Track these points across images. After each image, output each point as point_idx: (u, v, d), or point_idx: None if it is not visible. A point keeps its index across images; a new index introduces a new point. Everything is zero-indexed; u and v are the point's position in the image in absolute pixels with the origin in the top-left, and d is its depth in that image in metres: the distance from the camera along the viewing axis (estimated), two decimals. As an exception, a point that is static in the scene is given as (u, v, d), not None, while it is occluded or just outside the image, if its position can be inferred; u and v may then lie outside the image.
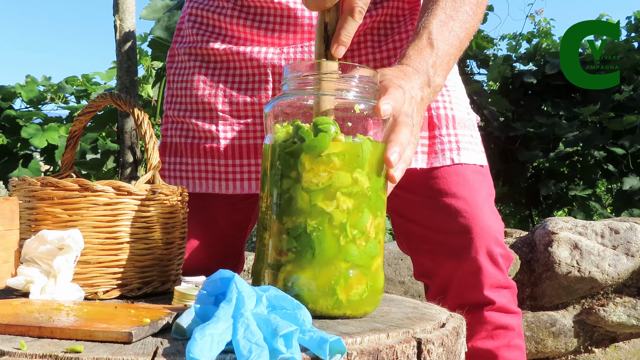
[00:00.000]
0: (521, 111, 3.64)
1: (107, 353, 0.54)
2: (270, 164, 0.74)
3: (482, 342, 1.10)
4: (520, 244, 2.57)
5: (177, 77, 1.23)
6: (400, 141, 0.75)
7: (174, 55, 1.25)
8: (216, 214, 1.19)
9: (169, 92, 1.24)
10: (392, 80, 0.83)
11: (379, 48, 1.16)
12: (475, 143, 1.17)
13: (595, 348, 2.50)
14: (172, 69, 1.25)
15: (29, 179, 0.83)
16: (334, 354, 0.56)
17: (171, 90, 1.24)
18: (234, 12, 1.16)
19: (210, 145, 1.17)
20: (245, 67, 1.16)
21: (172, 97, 1.23)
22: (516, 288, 1.15)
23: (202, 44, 1.19)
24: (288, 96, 0.76)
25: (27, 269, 0.77)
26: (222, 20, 1.17)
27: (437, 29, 0.97)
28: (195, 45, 1.20)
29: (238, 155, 1.16)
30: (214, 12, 1.18)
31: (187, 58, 1.21)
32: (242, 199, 1.20)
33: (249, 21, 1.15)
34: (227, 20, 1.17)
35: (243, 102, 1.15)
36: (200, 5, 1.20)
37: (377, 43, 1.16)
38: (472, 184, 1.11)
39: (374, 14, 1.14)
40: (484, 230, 1.08)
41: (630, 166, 3.47)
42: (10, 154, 3.49)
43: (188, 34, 1.22)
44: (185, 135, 1.19)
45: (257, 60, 1.14)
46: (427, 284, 1.19)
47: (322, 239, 0.70)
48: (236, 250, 1.27)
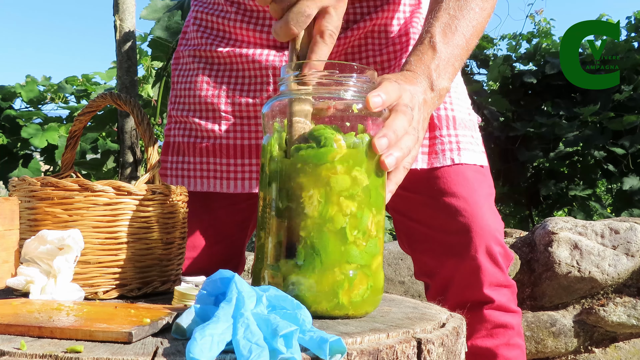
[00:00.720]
0: (521, 111, 3.64)
1: (107, 353, 0.54)
2: (269, 164, 0.74)
3: (482, 340, 1.10)
4: (520, 244, 2.57)
5: (181, 79, 1.25)
6: (393, 127, 0.74)
7: (179, 58, 1.27)
8: (218, 213, 1.20)
9: (173, 92, 1.26)
10: (390, 79, 0.82)
11: (379, 52, 1.16)
12: (476, 143, 1.17)
13: (595, 348, 2.50)
14: (176, 70, 1.27)
15: (29, 179, 0.83)
16: (334, 354, 0.56)
17: (175, 91, 1.26)
18: (237, 15, 1.18)
19: (213, 145, 1.18)
20: (247, 69, 1.18)
21: (176, 97, 1.25)
22: (516, 287, 1.16)
23: (207, 46, 1.21)
24: (285, 96, 0.76)
25: (27, 269, 0.77)
26: (225, 24, 1.19)
27: (440, 31, 0.97)
28: (200, 47, 1.22)
29: (240, 154, 1.17)
30: (218, 16, 1.20)
31: (192, 60, 1.23)
32: (244, 199, 1.21)
33: (252, 25, 1.17)
34: (230, 24, 1.19)
35: (245, 103, 1.17)
36: (205, 10, 1.23)
37: (378, 46, 1.16)
38: (472, 184, 1.12)
39: (373, 17, 1.15)
40: (483, 229, 1.08)
41: (630, 166, 3.47)
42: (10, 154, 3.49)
43: (193, 37, 1.25)
44: (188, 135, 1.21)
45: (259, 62, 1.16)
46: (427, 283, 1.19)
47: (323, 241, 0.70)
48: (237, 250, 1.27)
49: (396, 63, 1.16)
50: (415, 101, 0.84)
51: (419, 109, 0.85)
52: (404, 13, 1.18)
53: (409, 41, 1.16)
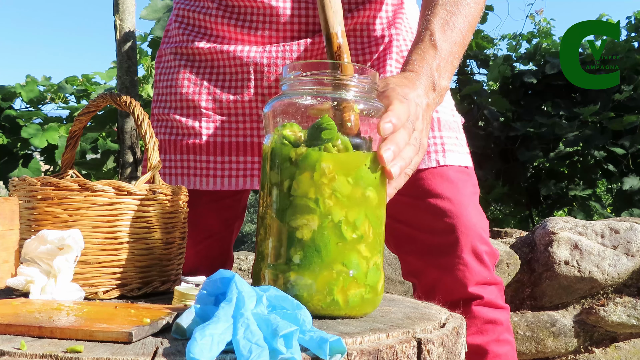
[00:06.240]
0: (521, 111, 3.64)
1: (107, 353, 0.54)
2: (270, 165, 0.74)
3: (472, 337, 1.11)
4: (520, 244, 2.57)
5: (163, 77, 1.25)
6: (396, 140, 0.75)
7: (161, 56, 1.27)
8: (203, 210, 1.20)
9: (156, 91, 1.27)
10: (396, 90, 0.83)
11: (362, 51, 1.17)
12: (461, 145, 1.19)
13: (595, 348, 2.50)
14: (158, 69, 1.27)
15: (29, 179, 0.83)
16: (334, 354, 0.56)
17: (158, 89, 1.26)
18: (219, 11, 1.18)
19: (193, 142, 1.18)
20: (228, 65, 1.18)
21: (158, 95, 1.25)
22: (503, 284, 1.18)
23: (188, 43, 1.21)
24: (287, 96, 0.76)
25: (27, 269, 0.77)
26: (207, 20, 1.19)
27: (439, 28, 0.97)
28: (181, 44, 1.22)
29: (220, 152, 1.17)
30: (199, 12, 1.20)
31: (173, 57, 1.23)
32: (228, 195, 1.21)
33: (233, 20, 1.17)
34: (211, 19, 1.19)
35: (226, 100, 1.17)
36: (186, 7, 1.23)
37: (361, 45, 1.17)
38: (457, 184, 1.13)
39: (355, 15, 1.15)
40: (468, 229, 1.10)
41: (630, 166, 3.47)
42: (10, 154, 3.49)
43: (174, 34, 1.24)
44: (170, 132, 1.21)
45: (240, 58, 1.16)
46: (414, 283, 1.21)
47: (323, 242, 0.70)
48: (224, 247, 1.28)
49: (380, 63, 1.16)
50: (418, 110, 0.85)
51: (423, 117, 0.87)
52: (386, 12, 1.18)
53: (392, 42, 1.16)
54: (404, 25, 1.19)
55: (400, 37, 1.17)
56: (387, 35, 1.17)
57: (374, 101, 0.76)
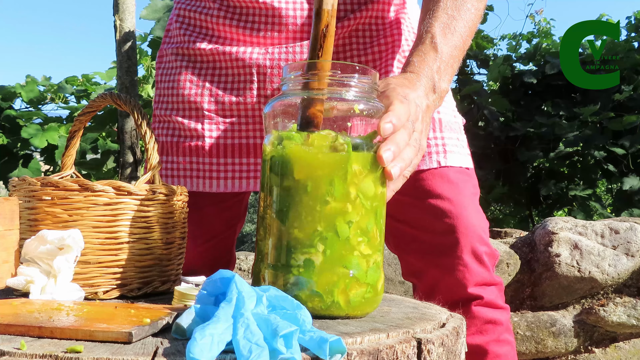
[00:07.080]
0: (521, 111, 3.64)
1: (107, 353, 0.54)
2: (270, 165, 0.74)
3: (472, 337, 1.11)
4: (520, 244, 2.57)
5: (164, 77, 1.24)
6: (396, 141, 0.75)
7: (162, 56, 1.27)
8: (204, 212, 1.20)
9: (157, 91, 1.26)
10: (396, 90, 0.83)
11: (364, 51, 1.17)
12: (462, 146, 1.19)
13: (595, 348, 2.50)
14: (160, 69, 1.26)
15: (29, 179, 0.83)
16: (334, 354, 0.56)
17: (159, 90, 1.25)
18: (220, 12, 1.17)
19: (196, 144, 1.18)
20: (231, 67, 1.17)
21: (160, 96, 1.25)
22: (503, 285, 1.18)
23: (189, 44, 1.20)
24: (287, 96, 0.76)
25: (27, 269, 0.77)
26: (208, 21, 1.19)
27: (440, 31, 0.97)
28: (183, 45, 1.21)
29: (223, 154, 1.17)
30: (200, 13, 1.20)
31: (174, 58, 1.22)
32: (230, 197, 1.21)
33: (235, 21, 1.16)
34: (213, 20, 1.18)
35: (229, 102, 1.17)
36: (187, 7, 1.22)
37: (363, 45, 1.17)
38: (457, 185, 1.13)
39: (357, 16, 1.15)
40: (468, 229, 1.10)
41: (630, 166, 3.47)
42: (10, 154, 3.49)
43: (176, 34, 1.24)
44: (172, 134, 1.21)
45: (243, 60, 1.16)
46: (414, 283, 1.21)
47: (323, 242, 0.70)
48: (226, 248, 1.28)
49: (381, 63, 1.16)
50: (419, 111, 0.85)
51: (422, 119, 0.87)
52: (388, 12, 1.18)
53: (394, 42, 1.16)
54: (406, 26, 1.19)
55: (403, 38, 1.17)
56: (389, 35, 1.17)
57: (374, 101, 0.76)
